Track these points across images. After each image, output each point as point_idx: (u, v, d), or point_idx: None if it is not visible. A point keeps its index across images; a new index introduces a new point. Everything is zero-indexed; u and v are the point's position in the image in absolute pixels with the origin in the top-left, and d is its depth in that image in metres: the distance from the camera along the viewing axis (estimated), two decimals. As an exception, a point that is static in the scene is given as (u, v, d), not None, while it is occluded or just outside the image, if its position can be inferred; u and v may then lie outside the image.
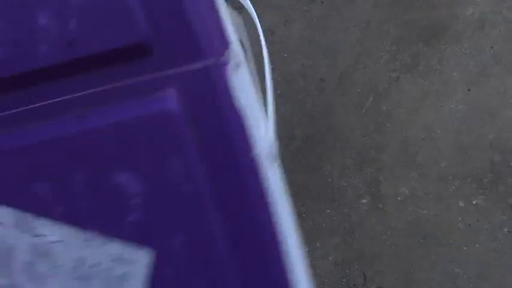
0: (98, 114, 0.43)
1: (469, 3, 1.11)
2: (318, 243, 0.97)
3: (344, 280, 0.93)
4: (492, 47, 1.13)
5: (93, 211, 0.45)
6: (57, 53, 0.41)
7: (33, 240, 0.44)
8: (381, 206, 1.00)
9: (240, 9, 0.65)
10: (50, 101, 0.42)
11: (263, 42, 0.56)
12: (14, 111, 0.42)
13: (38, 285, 0.45)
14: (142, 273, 0.47)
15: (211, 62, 0.42)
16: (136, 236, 0.46)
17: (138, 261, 0.49)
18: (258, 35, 0.58)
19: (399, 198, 1.01)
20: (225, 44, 0.43)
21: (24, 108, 0.42)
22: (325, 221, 1.00)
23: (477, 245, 0.94)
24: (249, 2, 0.56)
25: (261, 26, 0.99)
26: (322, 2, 1.21)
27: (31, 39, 0.41)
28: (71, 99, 0.43)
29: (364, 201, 1.01)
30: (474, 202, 0.98)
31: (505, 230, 0.95)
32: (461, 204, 0.98)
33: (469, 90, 1.10)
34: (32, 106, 0.42)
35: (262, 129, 0.45)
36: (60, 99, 0.42)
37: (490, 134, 1.04)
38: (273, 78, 1.11)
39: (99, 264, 0.46)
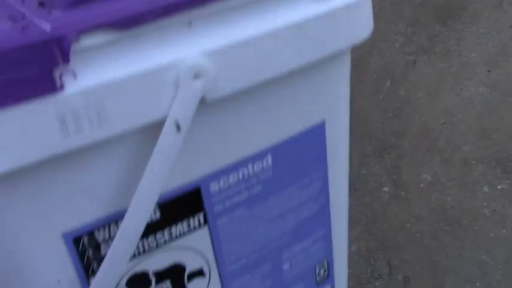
0: None
1: (487, -19, 1.08)
2: (340, 233, 0.96)
3: (369, 270, 0.92)
4: (511, 26, 1.09)
5: None
6: None
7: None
8: (403, 193, 0.98)
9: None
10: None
11: None
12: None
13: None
14: None
15: None
16: None
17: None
18: None
19: (422, 185, 0.99)
20: None
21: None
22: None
23: (504, 231, 0.92)
24: None
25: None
26: (332, -15, 1.18)
27: None
28: None
29: (385, 189, 0.99)
30: (499, 187, 0.96)
31: (532, 214, 0.93)
32: (485, 189, 0.96)
33: (489, 71, 1.07)
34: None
35: None
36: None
37: (512, 116, 1.02)
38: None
39: None
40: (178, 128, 0.33)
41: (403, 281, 0.89)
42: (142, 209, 0.35)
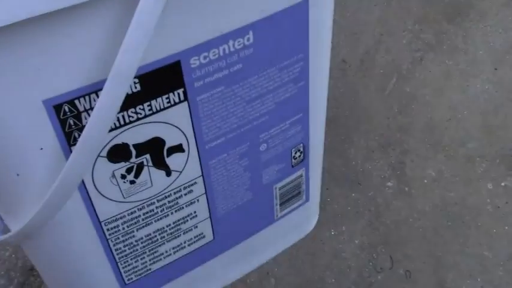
0: None
1: (495, -21, 1.08)
2: (343, 227, 0.96)
3: (371, 264, 0.92)
4: (519, 24, 1.09)
5: None
6: None
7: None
8: (406, 189, 0.99)
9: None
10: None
11: None
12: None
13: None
14: None
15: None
16: None
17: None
18: None
19: (425, 181, 0.99)
20: None
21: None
22: (350, 205, 0.98)
23: (506, 227, 0.92)
24: None
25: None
26: (341, -19, 1.18)
27: None
28: None
29: (389, 184, 1.00)
30: (503, 184, 0.96)
31: (535, 211, 0.93)
32: (489, 186, 0.96)
33: (495, 69, 1.08)
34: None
35: None
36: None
37: (518, 114, 1.02)
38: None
39: None
40: None
41: (405, 275, 0.90)
42: (122, 77, 0.35)
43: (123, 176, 0.44)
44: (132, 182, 0.45)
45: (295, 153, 0.58)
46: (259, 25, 0.44)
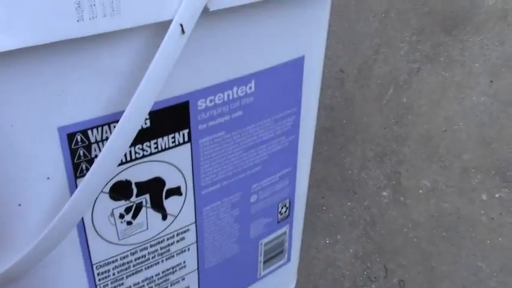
0: None
1: (492, -7, 1.09)
2: (338, 235, 0.96)
3: (365, 273, 0.93)
4: (515, 38, 1.11)
5: None
6: None
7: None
8: (402, 199, 0.99)
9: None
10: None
11: None
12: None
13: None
14: None
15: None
16: None
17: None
18: None
19: (421, 191, 1.00)
20: None
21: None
22: (346, 214, 0.99)
23: (500, 239, 0.93)
24: None
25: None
26: (340, -9, 1.19)
27: None
28: None
29: (385, 193, 1.01)
30: (497, 195, 0.97)
31: (529, 223, 0.94)
32: (484, 197, 0.97)
33: (491, 81, 1.09)
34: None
35: None
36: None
37: (513, 127, 1.03)
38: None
39: None
40: (182, 30, 0.35)
41: (398, 285, 0.90)
42: (139, 111, 0.36)
43: (121, 216, 0.43)
44: (129, 223, 0.44)
45: (282, 208, 0.58)
46: (261, 75, 0.46)
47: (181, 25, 0.35)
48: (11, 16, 0.29)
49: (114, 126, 0.37)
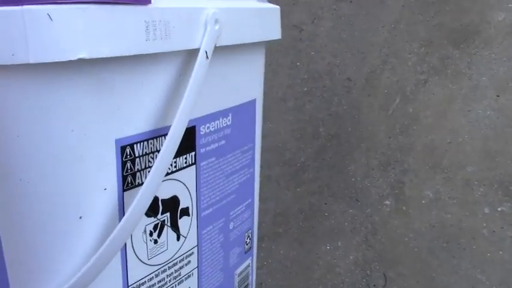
0: None
1: (502, 9, 1.10)
2: (339, 242, 0.97)
3: (364, 280, 0.93)
4: (523, 54, 1.11)
5: None
6: None
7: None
8: (404, 208, 1.00)
9: None
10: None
11: None
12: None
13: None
14: None
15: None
16: None
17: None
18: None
19: (423, 202, 1.00)
20: None
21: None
22: (347, 221, 0.99)
23: (501, 252, 0.93)
24: None
25: (289, 23, 0.99)
26: (351, 1, 1.20)
27: None
28: None
29: (387, 202, 1.01)
30: (499, 209, 0.97)
31: (530, 238, 0.94)
32: (486, 210, 0.97)
33: (498, 96, 1.09)
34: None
35: None
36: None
37: (518, 141, 1.03)
38: (299, 76, 1.11)
39: None
40: (207, 55, 0.43)
41: (397, 294, 0.91)
42: (181, 126, 0.39)
43: (150, 233, 0.44)
44: (155, 242, 0.45)
45: (247, 238, 0.62)
46: (235, 110, 0.53)
47: (206, 52, 0.43)
48: (107, 29, 0.33)
49: (151, 143, 0.40)
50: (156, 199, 0.43)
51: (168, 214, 0.46)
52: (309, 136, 1.07)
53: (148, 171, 0.39)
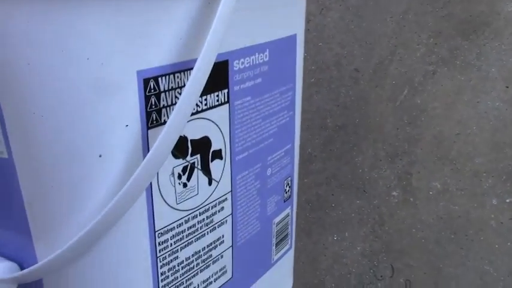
0: None
1: (512, -1, 1.09)
2: (346, 233, 0.97)
3: (371, 271, 0.93)
4: (533, 45, 1.10)
5: None
6: None
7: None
8: (411, 199, 1.00)
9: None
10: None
11: None
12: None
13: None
14: None
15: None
16: None
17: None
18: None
19: (431, 193, 1.00)
20: None
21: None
22: (355, 212, 0.99)
23: (509, 243, 0.93)
24: None
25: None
26: (359, -9, 1.20)
27: None
28: None
29: (394, 193, 1.01)
30: (508, 200, 0.97)
31: (538, 230, 0.94)
32: (494, 201, 0.97)
33: (507, 87, 1.08)
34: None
35: None
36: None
37: (527, 133, 1.03)
38: (307, 67, 1.11)
39: None
40: None
41: (404, 284, 0.91)
42: (209, 59, 0.35)
43: (179, 176, 0.42)
44: (184, 185, 0.43)
45: (286, 186, 0.58)
46: (272, 46, 0.49)
47: None
48: None
49: (178, 77, 0.37)
50: (184, 139, 0.41)
51: (198, 156, 0.43)
52: (316, 127, 1.06)
53: None
